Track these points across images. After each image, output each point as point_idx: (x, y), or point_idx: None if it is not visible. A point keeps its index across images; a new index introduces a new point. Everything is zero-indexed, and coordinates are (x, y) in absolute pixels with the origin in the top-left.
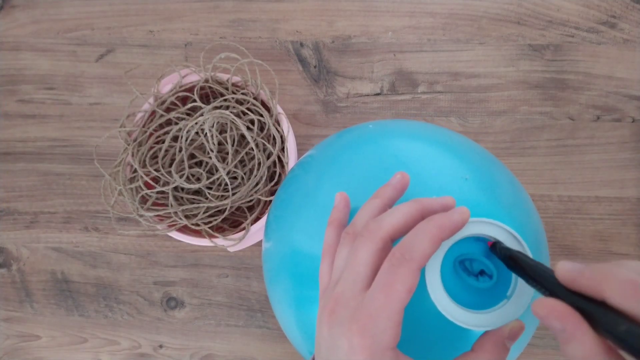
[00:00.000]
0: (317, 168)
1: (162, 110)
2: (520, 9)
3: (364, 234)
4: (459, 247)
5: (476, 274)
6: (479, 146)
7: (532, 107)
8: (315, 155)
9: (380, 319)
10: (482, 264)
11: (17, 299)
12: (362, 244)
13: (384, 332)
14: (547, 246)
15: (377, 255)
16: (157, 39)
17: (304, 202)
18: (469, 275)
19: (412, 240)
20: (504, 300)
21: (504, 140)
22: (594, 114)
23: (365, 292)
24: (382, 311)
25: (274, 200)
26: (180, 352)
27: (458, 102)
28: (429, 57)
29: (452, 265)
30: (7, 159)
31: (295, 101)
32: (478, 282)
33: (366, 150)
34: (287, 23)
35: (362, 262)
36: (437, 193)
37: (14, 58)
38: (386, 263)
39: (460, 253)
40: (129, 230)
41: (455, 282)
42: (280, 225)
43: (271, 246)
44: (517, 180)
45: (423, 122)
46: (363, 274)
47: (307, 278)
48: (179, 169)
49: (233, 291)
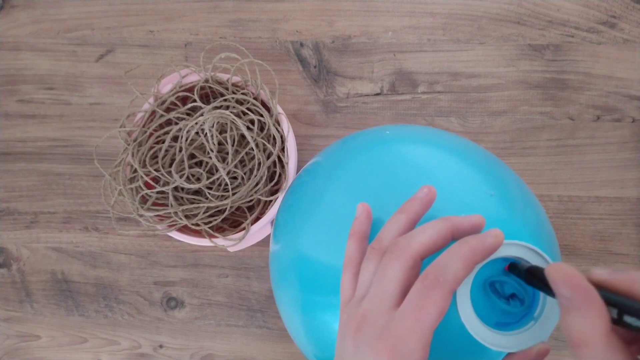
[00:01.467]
0: (328, 173)
1: (162, 110)
2: (520, 9)
3: (394, 251)
4: (489, 268)
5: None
6: (489, 153)
7: (532, 107)
8: (325, 160)
9: (410, 341)
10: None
11: (17, 299)
12: (392, 261)
13: (413, 353)
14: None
15: (407, 273)
16: (157, 39)
17: (314, 207)
18: (499, 298)
19: (446, 263)
20: (531, 322)
21: (504, 140)
22: (594, 114)
23: (393, 310)
24: (413, 333)
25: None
26: (180, 352)
27: (458, 102)
28: (429, 57)
29: (482, 285)
30: (7, 159)
31: (295, 101)
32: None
33: (379, 156)
34: (287, 23)
35: (391, 280)
36: (462, 207)
37: (14, 58)
38: (419, 284)
39: (491, 275)
40: (129, 230)
41: (483, 302)
42: (289, 229)
43: (279, 249)
44: (526, 186)
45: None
46: (392, 292)
47: (315, 283)
48: (179, 169)
49: (233, 291)
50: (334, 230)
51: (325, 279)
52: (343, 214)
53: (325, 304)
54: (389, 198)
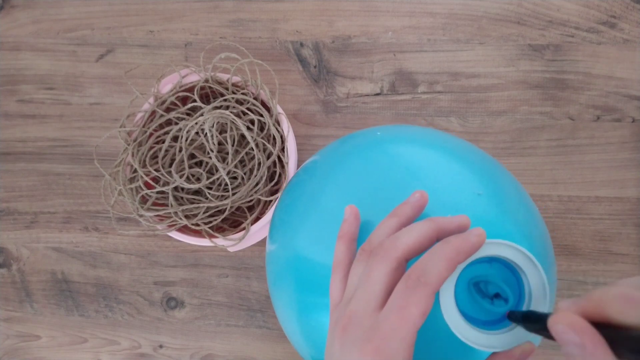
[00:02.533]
0: (324, 173)
1: (162, 110)
2: (520, 9)
3: (378, 253)
4: (474, 267)
5: (491, 296)
6: (485, 153)
7: (532, 107)
8: (322, 160)
9: (393, 341)
10: (498, 286)
11: (17, 299)
12: (377, 262)
13: (397, 353)
14: (554, 255)
15: (392, 275)
16: (157, 39)
17: (310, 208)
18: (483, 298)
19: (428, 263)
20: None
21: (504, 140)
22: (594, 114)
23: (378, 311)
24: (396, 333)
25: (279, 203)
26: (180, 352)
27: (458, 102)
28: (429, 57)
29: (467, 285)
30: (7, 159)
31: (295, 101)
32: (493, 305)
33: (374, 157)
34: (287, 23)
35: (376, 282)
36: (449, 208)
37: (14, 58)
38: (401, 284)
39: (476, 274)
40: (129, 230)
41: (469, 301)
42: (285, 229)
43: (275, 249)
44: (521, 185)
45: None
46: (377, 294)
47: (311, 284)
48: (179, 169)
49: (233, 291)
50: (329, 230)
51: (320, 279)
52: (338, 215)
53: (320, 305)
54: (380, 199)
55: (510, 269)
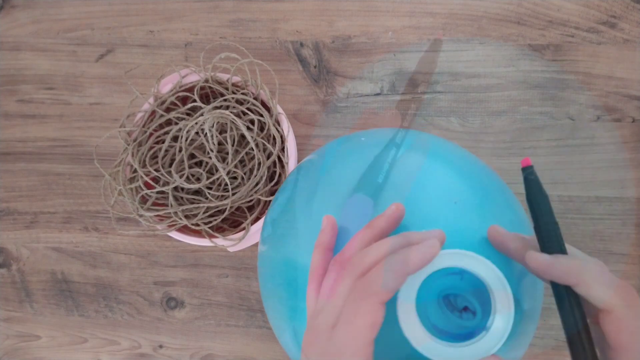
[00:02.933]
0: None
1: (162, 110)
2: (520, 9)
3: (345, 267)
4: (445, 280)
5: (460, 309)
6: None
7: (532, 107)
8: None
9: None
10: (466, 300)
11: (17, 299)
12: (344, 277)
13: None
14: None
15: None
16: (157, 39)
17: (298, 210)
18: (452, 311)
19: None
20: (483, 332)
21: (504, 140)
22: (594, 114)
23: None
24: (347, 348)
25: (272, 203)
26: (180, 352)
27: (458, 102)
28: (429, 57)
29: (436, 298)
30: (7, 159)
31: (295, 101)
32: (461, 318)
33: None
34: (287, 23)
35: (339, 296)
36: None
37: (14, 58)
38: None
39: (446, 287)
40: (129, 230)
41: (439, 315)
42: (275, 231)
43: (266, 250)
44: (509, 190)
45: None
46: (339, 308)
47: (298, 287)
48: (179, 169)
49: (233, 291)
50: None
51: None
52: None
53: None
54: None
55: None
